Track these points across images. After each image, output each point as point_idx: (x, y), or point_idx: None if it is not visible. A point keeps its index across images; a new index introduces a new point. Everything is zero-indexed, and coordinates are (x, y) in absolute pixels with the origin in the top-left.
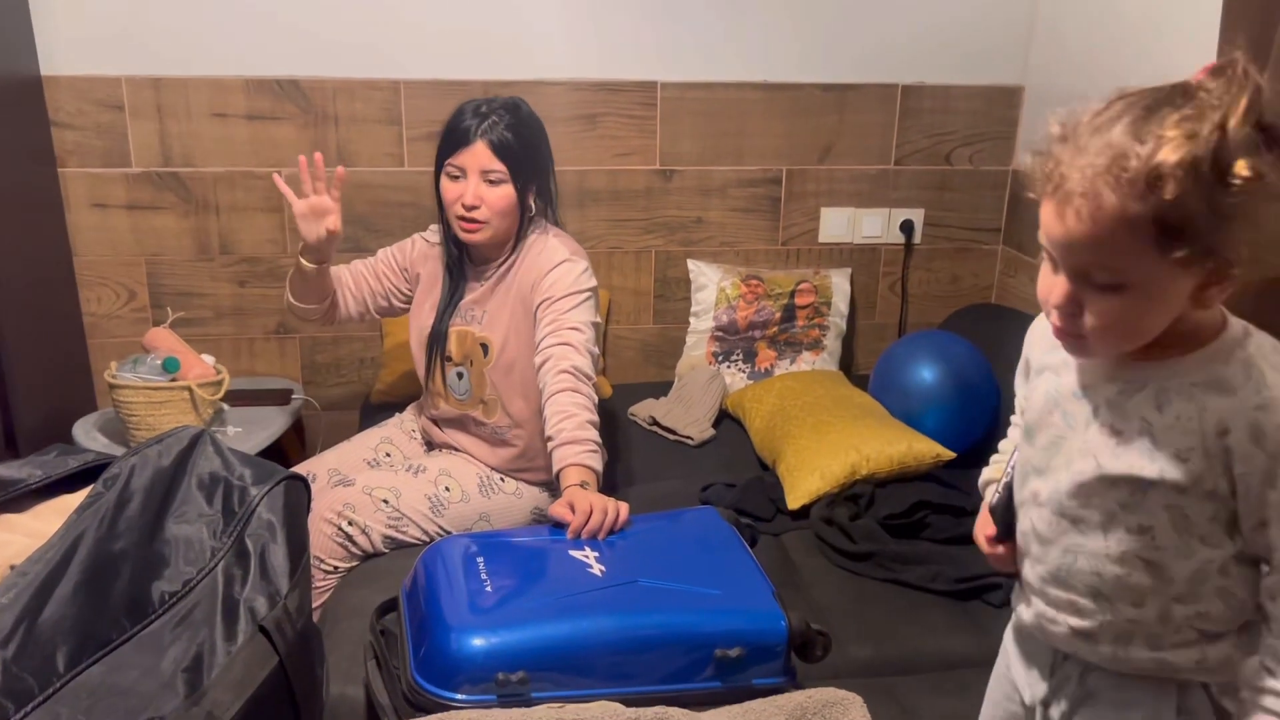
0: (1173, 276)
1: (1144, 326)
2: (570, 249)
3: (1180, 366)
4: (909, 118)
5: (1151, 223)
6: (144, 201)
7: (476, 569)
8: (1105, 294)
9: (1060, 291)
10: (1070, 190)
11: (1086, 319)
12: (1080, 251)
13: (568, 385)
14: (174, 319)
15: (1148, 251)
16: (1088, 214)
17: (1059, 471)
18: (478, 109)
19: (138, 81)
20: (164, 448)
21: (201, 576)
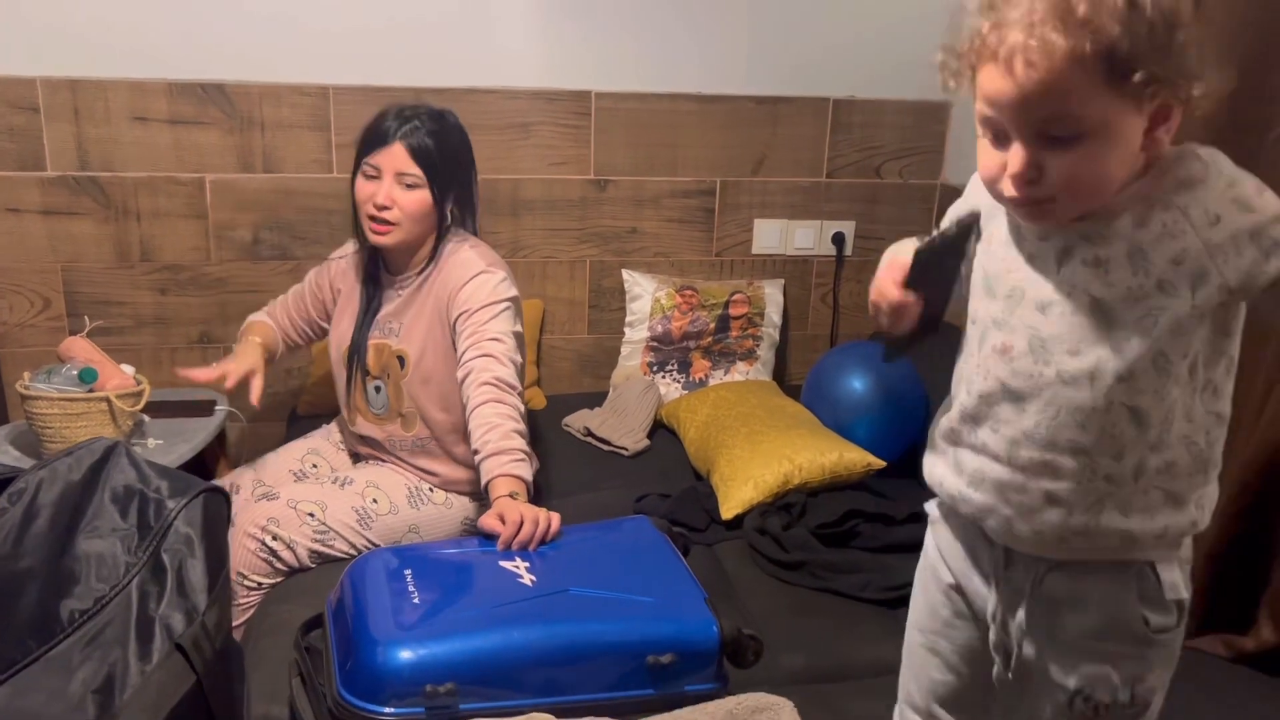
0: (1126, 115)
1: (1108, 175)
2: (488, 260)
3: (1142, 188)
4: (840, 131)
5: (1103, 58)
6: (60, 207)
7: (404, 582)
8: (1065, 148)
9: (1019, 158)
10: (1015, 44)
11: (1051, 179)
12: (1036, 105)
13: (491, 396)
14: (91, 328)
15: (1101, 90)
16: (1040, 61)
17: (1032, 320)
18: (400, 112)
19: (54, 83)
20: (75, 460)
21: (114, 593)
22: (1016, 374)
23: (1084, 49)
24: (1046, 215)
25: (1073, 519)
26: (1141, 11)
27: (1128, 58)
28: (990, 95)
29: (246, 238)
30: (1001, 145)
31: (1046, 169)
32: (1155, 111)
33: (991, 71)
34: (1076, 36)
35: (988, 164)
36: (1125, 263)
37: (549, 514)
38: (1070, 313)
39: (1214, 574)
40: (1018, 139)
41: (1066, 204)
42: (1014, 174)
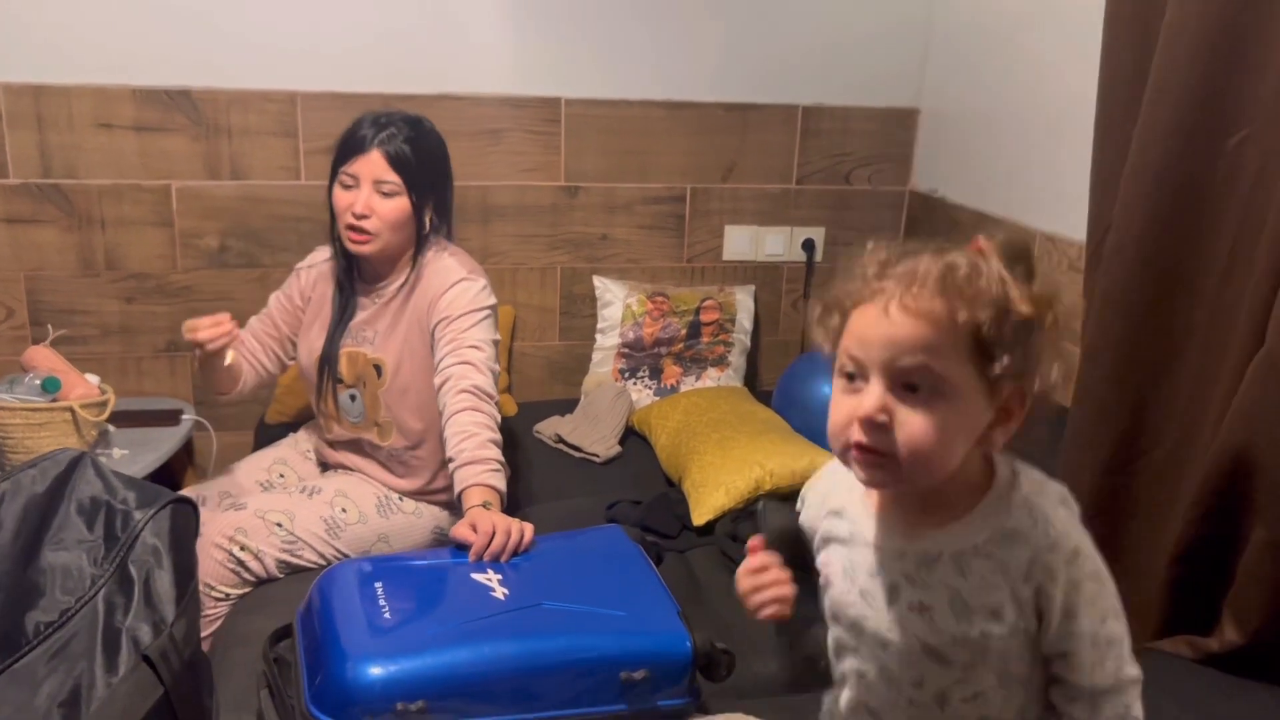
0: (977, 396)
1: (951, 447)
2: (467, 267)
3: (967, 529)
4: (810, 138)
5: (970, 332)
6: (23, 215)
7: (374, 594)
8: (919, 405)
9: (873, 399)
10: (895, 291)
11: (898, 434)
12: (903, 349)
13: (468, 404)
14: (55, 336)
15: (962, 360)
16: (915, 310)
17: (877, 654)
18: (376, 119)
19: (16, 89)
20: (39, 471)
21: (80, 606)
22: (874, 696)
23: (956, 316)
24: (884, 475)
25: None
26: (1012, 307)
27: (991, 341)
28: (860, 334)
29: (213, 245)
30: (855, 392)
31: (896, 420)
32: (999, 411)
33: (868, 312)
34: (952, 304)
35: (839, 412)
36: (948, 611)
37: (522, 524)
38: (906, 651)
39: (1178, 576)
40: (876, 380)
41: (905, 464)
42: (863, 415)
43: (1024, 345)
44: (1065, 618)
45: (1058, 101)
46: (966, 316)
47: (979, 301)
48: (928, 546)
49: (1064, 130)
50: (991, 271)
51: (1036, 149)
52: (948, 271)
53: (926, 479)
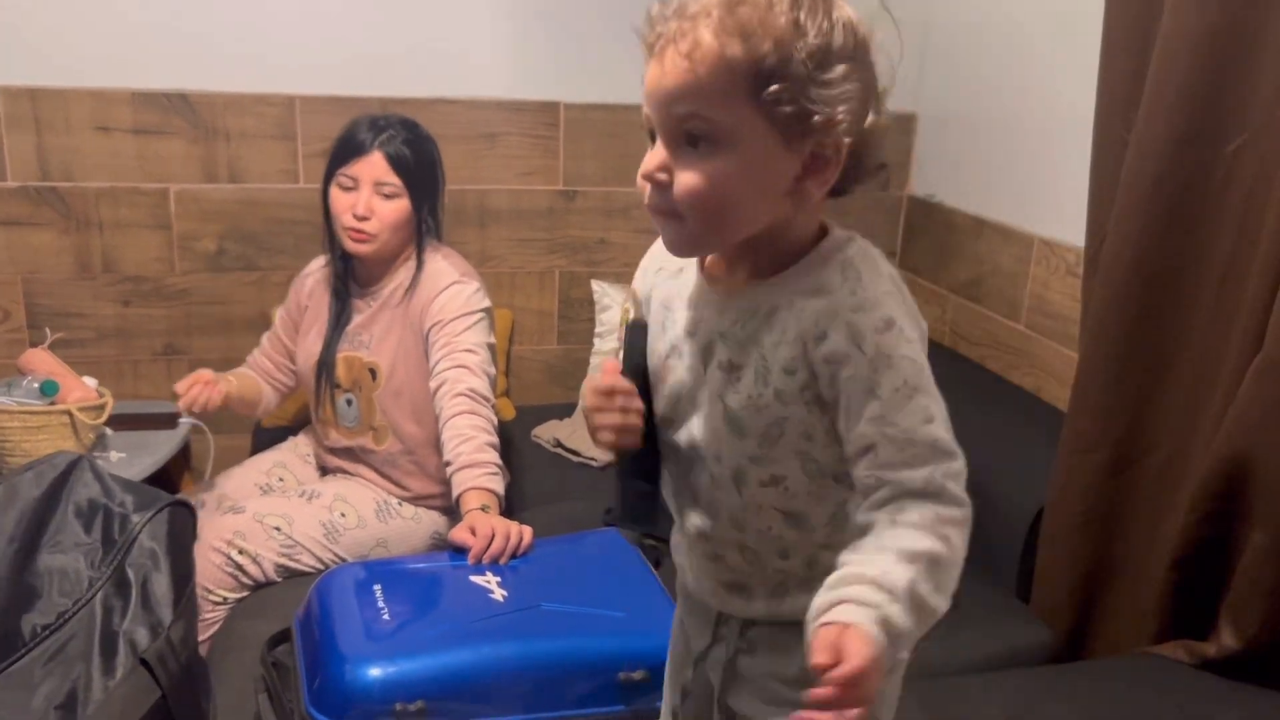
0: (766, 140)
1: (738, 200)
2: (461, 270)
3: (784, 280)
4: None
5: (749, 66)
6: (20, 217)
7: (373, 597)
8: (700, 156)
9: (652, 159)
10: (669, 35)
11: (675, 190)
12: (675, 100)
13: (465, 408)
14: (52, 340)
15: (742, 101)
16: (685, 54)
17: (689, 423)
18: (374, 123)
19: (13, 92)
20: (36, 475)
21: (77, 608)
22: (683, 470)
23: (732, 53)
24: (677, 235)
25: (755, 604)
26: (802, 35)
27: (772, 73)
28: (646, 89)
29: (211, 249)
30: (654, 146)
31: (676, 175)
32: (809, 159)
33: (651, 67)
34: (727, 39)
35: (642, 166)
36: (752, 371)
37: (520, 527)
38: (709, 418)
39: (1176, 581)
40: (659, 135)
41: (690, 222)
42: (641, 173)
43: (823, 82)
44: (866, 396)
45: (1055, 107)
46: (741, 52)
47: (758, 35)
48: (747, 302)
49: (1062, 135)
50: (780, 2)
51: (1034, 154)
52: (725, 6)
53: (717, 235)
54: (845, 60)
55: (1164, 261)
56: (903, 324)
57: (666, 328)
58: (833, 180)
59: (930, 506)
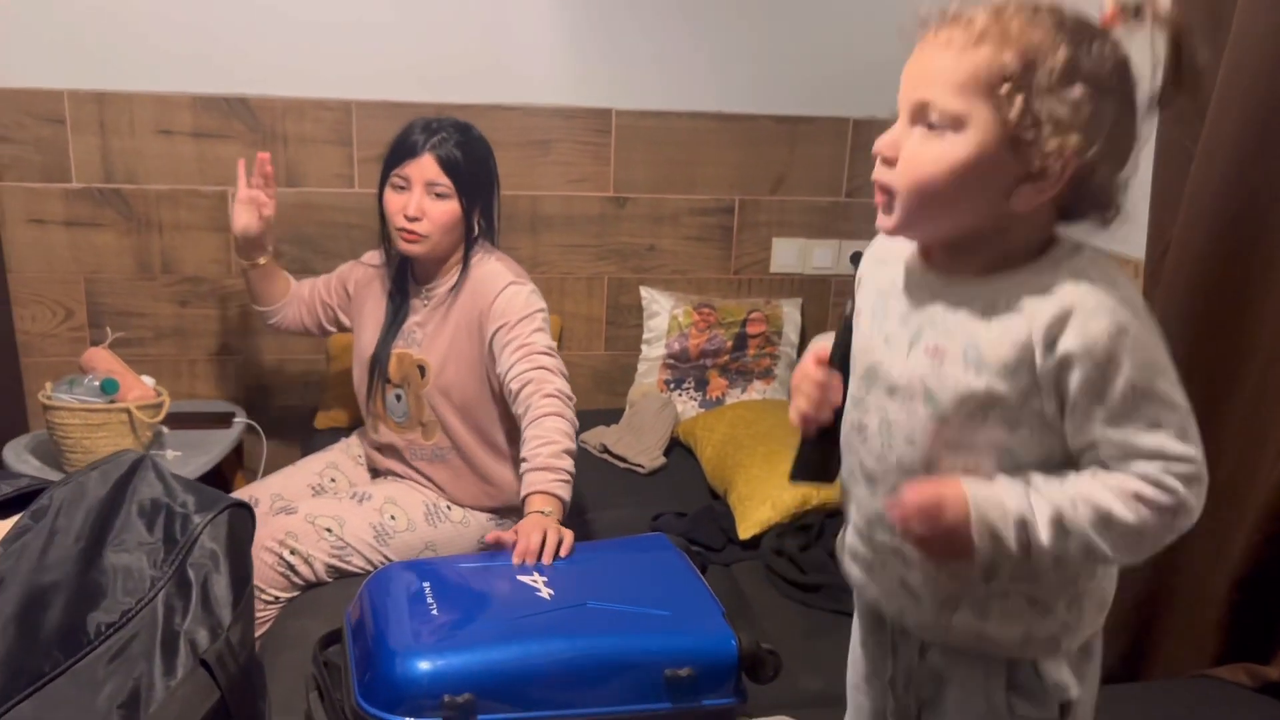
0: (996, 144)
1: (953, 187)
2: (514, 271)
3: (1010, 279)
4: (860, 151)
5: (996, 71)
6: (84, 218)
7: (423, 594)
8: (927, 136)
9: (887, 135)
10: (932, 29)
11: (900, 163)
12: (920, 84)
13: (554, 409)
14: (113, 339)
15: (982, 101)
16: (941, 45)
17: (882, 403)
18: (427, 125)
19: (81, 95)
20: (102, 474)
21: (140, 607)
22: (869, 454)
23: (980, 49)
24: (885, 211)
25: (924, 613)
26: (1054, 50)
27: (1011, 76)
28: (904, 76)
29: None
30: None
31: (903, 151)
32: (1032, 169)
33: (917, 50)
34: (981, 37)
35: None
36: (960, 358)
37: (561, 530)
38: (909, 400)
39: (1238, 602)
40: (901, 117)
41: (902, 198)
42: (876, 147)
43: (1060, 98)
44: (1093, 400)
45: None
46: (988, 51)
47: (1010, 40)
48: (965, 291)
49: None
50: (1046, 19)
51: None
52: (993, 9)
53: (925, 217)
54: (1093, 87)
55: (1228, 273)
56: (1135, 331)
57: (878, 313)
58: (1048, 195)
59: (1134, 481)
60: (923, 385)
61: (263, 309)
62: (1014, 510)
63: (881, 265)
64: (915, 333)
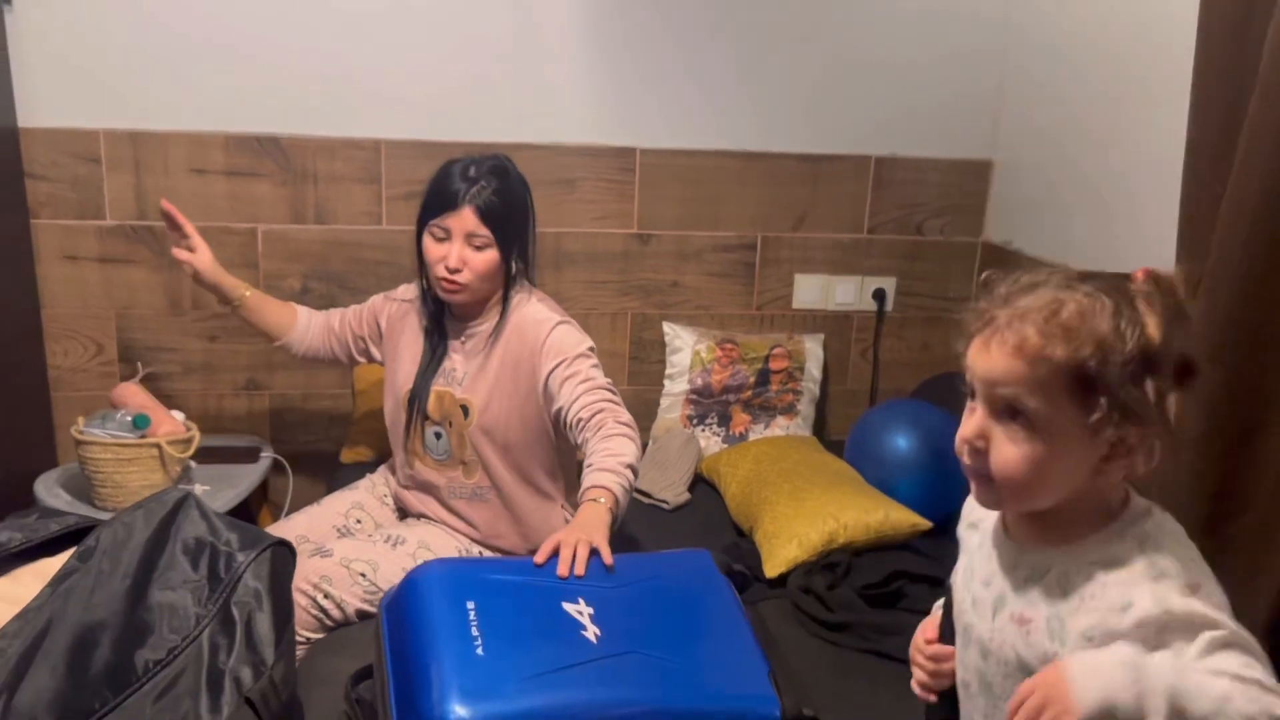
0: (1078, 432)
1: (1046, 478)
2: (558, 311)
3: (1081, 549)
4: (882, 188)
5: (1068, 369)
6: (117, 254)
7: (467, 622)
8: (1015, 435)
9: (970, 425)
10: (998, 325)
11: (992, 460)
12: (1002, 384)
13: (625, 434)
14: (144, 374)
15: (1059, 397)
16: (1014, 347)
17: (977, 664)
18: (466, 172)
19: (116, 135)
20: (147, 512)
21: (186, 644)
22: (976, 709)
23: (1053, 355)
24: (989, 495)
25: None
26: (1121, 341)
27: (1093, 379)
28: (970, 362)
29: (295, 286)
30: (971, 413)
31: (992, 446)
32: (1113, 444)
33: (977, 344)
34: (1050, 340)
35: (959, 431)
36: (1044, 628)
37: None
38: (1002, 663)
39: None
40: (980, 405)
41: (1001, 490)
42: (960, 437)
43: (1136, 384)
44: (1177, 652)
45: (1136, 157)
46: (1064, 355)
47: (1080, 338)
48: (1039, 561)
49: (1142, 183)
50: (1104, 309)
51: (1114, 205)
52: (1052, 308)
53: (1025, 504)
54: (1152, 364)
55: (1259, 318)
56: (1208, 588)
57: (968, 577)
58: (1135, 467)
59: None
60: (1014, 652)
61: (278, 343)
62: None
63: (972, 530)
64: (998, 598)
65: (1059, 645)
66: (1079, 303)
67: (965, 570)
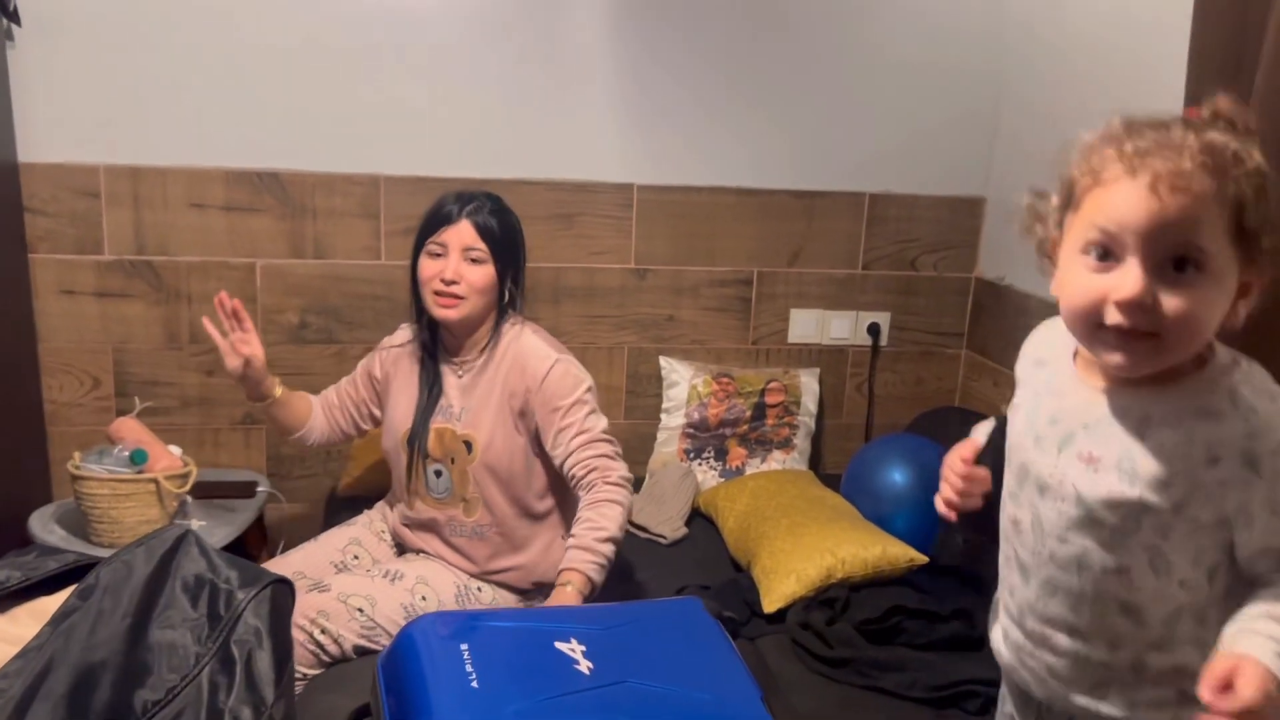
0: (1233, 271)
1: (1210, 322)
2: (555, 345)
3: (1166, 394)
4: (876, 225)
5: (1234, 209)
6: (114, 289)
7: (461, 660)
8: (1180, 285)
9: (1136, 283)
10: (1161, 169)
11: (1166, 313)
12: (1173, 229)
13: (615, 498)
14: (141, 409)
15: (1224, 236)
16: (1187, 188)
17: (1033, 500)
18: (460, 195)
19: (116, 170)
20: (147, 550)
21: (185, 684)
22: (1023, 546)
23: (1225, 193)
24: (1146, 355)
25: (1075, 696)
26: (1258, 172)
27: (1245, 207)
28: (1120, 215)
29: (293, 321)
30: (1106, 270)
31: (1159, 299)
32: (1243, 284)
33: (1126, 191)
34: (1221, 180)
35: (1086, 290)
36: (1114, 467)
37: None
38: (1060, 500)
39: None
40: (1140, 264)
41: (1171, 342)
42: (1127, 298)
43: (1269, 206)
44: (1267, 512)
45: None
46: (1230, 191)
47: (1233, 172)
48: (1119, 402)
49: None
50: (1249, 149)
51: None
52: (1213, 148)
53: (1185, 355)
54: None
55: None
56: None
57: (1032, 414)
58: (1239, 311)
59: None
60: (1074, 489)
61: (296, 435)
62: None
63: (1039, 367)
64: (1065, 436)
65: (1125, 485)
66: (1222, 140)
67: (1028, 407)
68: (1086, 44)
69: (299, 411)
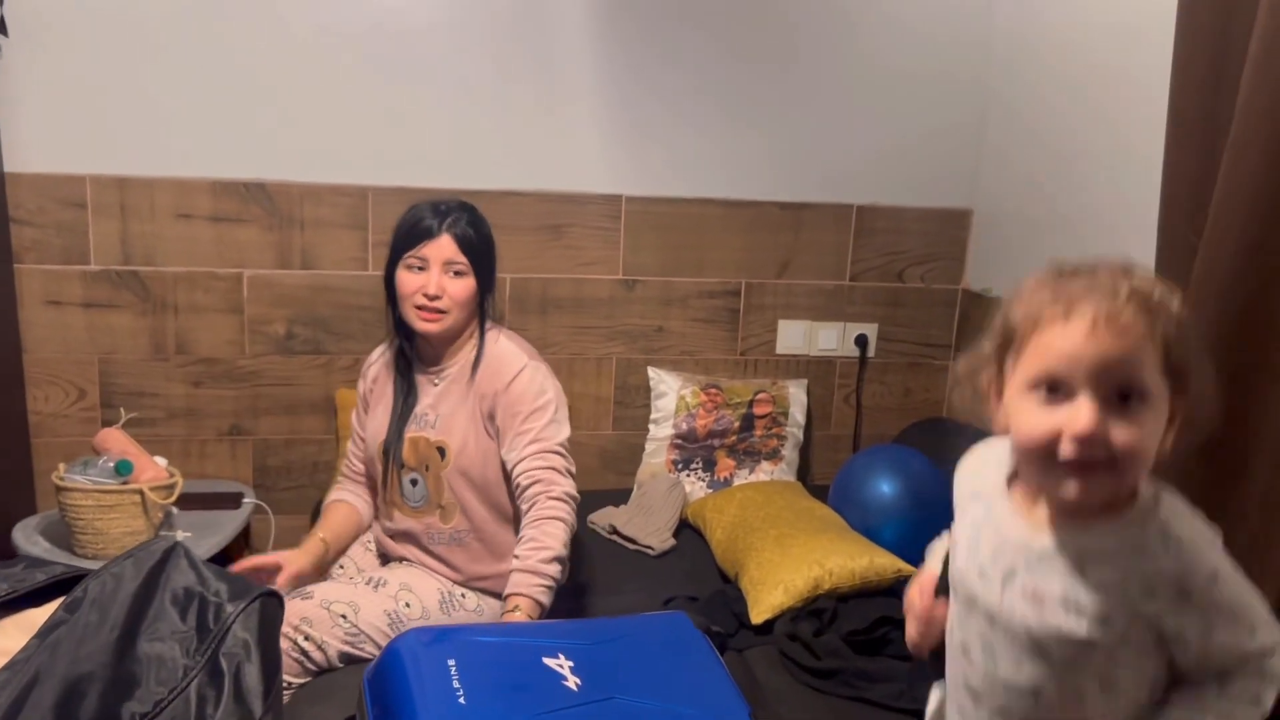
0: (1164, 405)
1: (1154, 449)
2: (526, 351)
3: (1102, 530)
4: (863, 237)
5: (1163, 346)
6: (101, 300)
7: (448, 675)
8: (1128, 413)
9: (1088, 417)
10: (1101, 310)
11: (1116, 443)
12: (1116, 366)
13: (558, 514)
14: (126, 419)
15: (1158, 373)
16: (1125, 327)
17: (983, 629)
18: (436, 208)
19: (103, 181)
20: (136, 561)
21: (173, 697)
22: (974, 672)
23: (1156, 331)
24: (1094, 484)
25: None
26: (1187, 335)
27: (1175, 355)
28: (1067, 354)
29: (280, 332)
30: (1056, 404)
31: (1111, 431)
32: (1170, 414)
33: (1070, 331)
34: (1151, 319)
35: (1039, 425)
36: (1058, 605)
37: None
38: (1010, 634)
39: None
40: (1090, 398)
41: (1123, 470)
42: (1081, 432)
43: (1195, 364)
44: (1200, 638)
45: (1114, 205)
46: (1163, 332)
47: (1169, 320)
48: (1054, 540)
49: (1119, 234)
50: (1169, 296)
51: (1091, 250)
52: (1141, 291)
53: (1134, 483)
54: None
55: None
56: (1221, 569)
57: (972, 547)
58: (1167, 440)
59: (1253, 681)
60: (1024, 625)
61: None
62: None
63: (975, 499)
64: (1008, 571)
65: (1074, 623)
66: (1148, 285)
67: (968, 538)
68: (1072, 56)
69: (354, 526)
